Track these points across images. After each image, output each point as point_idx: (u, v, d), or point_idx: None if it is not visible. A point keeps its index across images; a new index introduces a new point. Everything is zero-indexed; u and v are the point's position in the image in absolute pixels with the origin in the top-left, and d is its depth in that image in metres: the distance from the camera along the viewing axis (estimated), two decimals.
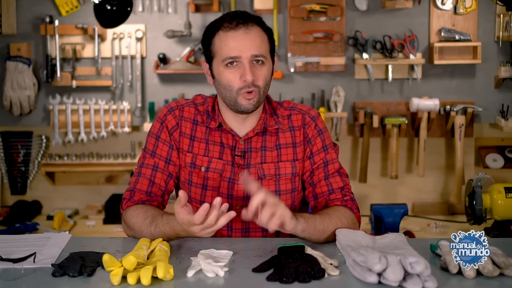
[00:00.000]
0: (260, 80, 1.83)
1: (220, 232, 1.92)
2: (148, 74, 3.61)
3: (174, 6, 3.56)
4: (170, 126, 1.93)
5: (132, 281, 1.45)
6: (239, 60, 1.81)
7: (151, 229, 1.74)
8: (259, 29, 1.85)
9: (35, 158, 3.64)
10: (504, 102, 3.50)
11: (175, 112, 1.94)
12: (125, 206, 1.89)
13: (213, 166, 1.90)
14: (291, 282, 1.45)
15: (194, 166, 1.91)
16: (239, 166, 1.91)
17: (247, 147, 1.92)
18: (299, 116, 1.96)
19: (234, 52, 1.80)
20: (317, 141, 1.94)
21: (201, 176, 1.91)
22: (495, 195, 2.97)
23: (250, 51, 1.80)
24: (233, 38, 1.81)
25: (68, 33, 3.53)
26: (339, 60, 3.52)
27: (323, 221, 1.76)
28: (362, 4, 3.52)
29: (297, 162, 1.93)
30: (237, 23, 1.81)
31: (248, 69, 1.80)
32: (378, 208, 2.92)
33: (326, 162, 1.94)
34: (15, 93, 3.51)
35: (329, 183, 1.92)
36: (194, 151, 1.92)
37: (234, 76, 1.82)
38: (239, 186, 1.89)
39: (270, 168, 1.91)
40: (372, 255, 1.44)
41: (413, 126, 3.58)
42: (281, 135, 1.94)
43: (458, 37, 3.48)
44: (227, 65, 1.82)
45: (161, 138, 1.93)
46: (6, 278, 1.51)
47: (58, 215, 3.38)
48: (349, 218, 1.85)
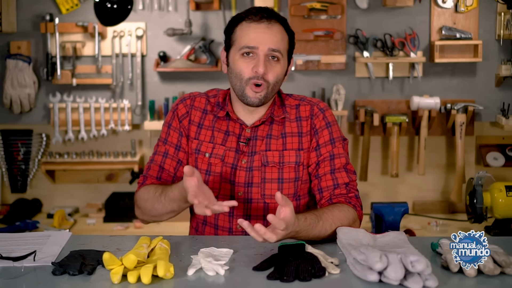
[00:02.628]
0: (271, 76, 1.87)
1: (222, 219, 1.94)
2: (149, 72, 3.60)
3: (175, 4, 3.55)
4: (180, 114, 2.00)
5: (133, 280, 1.45)
6: (255, 51, 1.86)
7: (161, 199, 1.84)
8: (282, 28, 1.90)
9: (35, 156, 3.64)
10: (505, 101, 3.49)
11: (187, 102, 2.02)
12: (138, 189, 1.98)
13: (215, 152, 1.95)
14: (291, 280, 1.45)
15: (199, 152, 1.97)
16: (243, 153, 1.94)
17: (253, 135, 1.95)
18: (308, 107, 1.99)
19: (252, 42, 1.85)
20: (324, 133, 1.95)
21: (205, 162, 1.96)
22: (495, 194, 2.97)
23: (268, 45, 1.85)
24: (254, 29, 1.87)
25: (68, 31, 3.52)
26: (340, 58, 3.52)
27: (323, 228, 1.74)
28: (362, 2, 3.52)
29: (302, 151, 1.95)
30: (261, 16, 1.87)
31: (262, 62, 1.85)
32: (378, 206, 2.91)
33: (333, 156, 1.93)
34: (15, 91, 3.51)
35: (335, 178, 1.91)
36: (200, 138, 1.98)
37: (247, 66, 1.87)
38: (240, 172, 1.93)
39: (274, 156, 1.93)
40: (373, 254, 1.44)
41: (414, 125, 3.58)
42: (287, 124, 1.97)
43: (459, 35, 3.47)
44: (243, 54, 1.87)
45: (172, 126, 2.01)
46: (6, 277, 1.51)
47: (58, 213, 3.38)
48: (351, 218, 1.84)
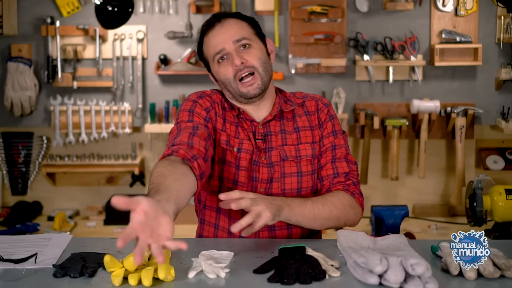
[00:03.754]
0: (252, 60, 1.87)
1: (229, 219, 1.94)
2: (149, 75, 3.61)
3: (175, 7, 3.56)
4: (205, 105, 1.91)
5: (133, 282, 1.45)
6: (225, 52, 1.88)
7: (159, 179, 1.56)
8: (235, 20, 1.92)
9: (36, 159, 3.65)
10: (505, 104, 3.50)
11: (206, 97, 1.94)
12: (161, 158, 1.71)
13: (245, 147, 1.92)
14: (292, 283, 1.45)
15: (229, 144, 1.92)
16: (261, 149, 1.94)
17: (266, 131, 1.95)
18: (313, 102, 2.03)
19: (217, 46, 1.88)
20: (328, 125, 1.99)
21: (233, 155, 1.92)
22: (495, 197, 2.97)
23: (230, 39, 1.87)
24: (212, 36, 1.90)
25: (69, 34, 3.53)
26: (340, 62, 3.52)
27: (314, 207, 1.81)
28: (363, 5, 3.53)
29: (316, 144, 1.97)
30: (212, 22, 1.91)
31: (235, 55, 1.86)
32: (378, 209, 2.90)
33: (334, 146, 1.97)
34: (16, 93, 3.52)
35: (335, 167, 1.94)
36: (227, 131, 1.94)
37: (227, 67, 1.88)
38: (262, 168, 1.92)
39: (291, 150, 1.94)
40: (373, 257, 1.44)
41: (414, 128, 3.58)
42: (298, 119, 1.99)
43: (459, 38, 3.48)
44: (218, 61, 1.90)
45: (195, 111, 1.88)
46: (7, 279, 1.51)
47: (59, 216, 3.38)
48: (346, 204, 1.88)
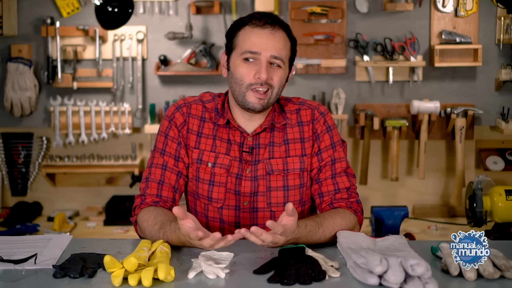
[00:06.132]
0: (275, 80, 1.86)
1: (228, 229, 1.93)
2: (149, 75, 3.61)
3: (175, 8, 3.56)
4: (178, 123, 1.94)
5: (133, 283, 1.45)
6: (257, 57, 1.83)
7: (159, 235, 1.74)
8: (285, 35, 1.88)
9: (36, 160, 3.65)
10: (505, 105, 3.50)
11: (183, 110, 1.96)
12: (138, 210, 1.88)
13: (219, 162, 1.91)
14: (292, 284, 1.45)
15: (201, 162, 1.92)
16: (247, 162, 1.92)
17: (255, 143, 1.93)
18: (308, 111, 1.98)
19: (255, 47, 1.83)
20: (325, 137, 1.95)
21: (208, 171, 1.92)
22: (495, 198, 2.97)
23: (271, 51, 1.83)
24: (257, 35, 1.84)
25: (69, 34, 3.53)
26: (340, 62, 3.53)
27: (325, 232, 1.76)
28: (363, 6, 3.53)
29: (305, 157, 1.94)
30: (265, 22, 1.85)
31: (264, 68, 1.83)
32: (378, 210, 2.91)
33: (334, 160, 1.94)
34: (16, 94, 3.52)
35: (336, 182, 1.92)
36: (201, 147, 1.93)
37: (249, 71, 1.84)
38: (245, 182, 1.91)
39: (278, 163, 1.92)
40: (373, 257, 1.44)
41: (414, 129, 3.58)
42: (289, 130, 1.95)
43: (459, 39, 3.48)
44: (244, 59, 1.85)
45: (169, 135, 1.94)
46: (7, 279, 1.51)
47: (59, 216, 3.38)
48: (351, 225, 1.85)
